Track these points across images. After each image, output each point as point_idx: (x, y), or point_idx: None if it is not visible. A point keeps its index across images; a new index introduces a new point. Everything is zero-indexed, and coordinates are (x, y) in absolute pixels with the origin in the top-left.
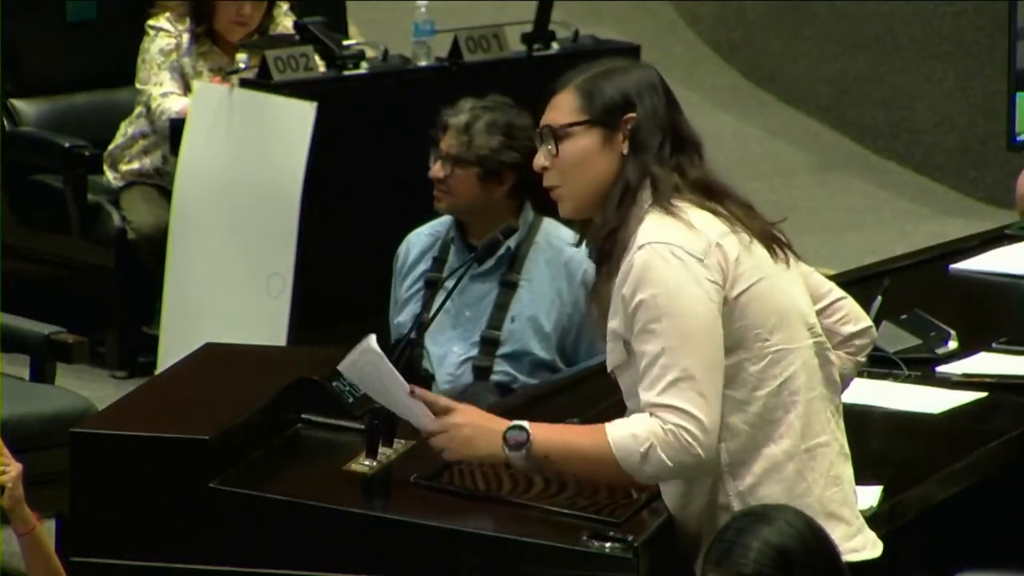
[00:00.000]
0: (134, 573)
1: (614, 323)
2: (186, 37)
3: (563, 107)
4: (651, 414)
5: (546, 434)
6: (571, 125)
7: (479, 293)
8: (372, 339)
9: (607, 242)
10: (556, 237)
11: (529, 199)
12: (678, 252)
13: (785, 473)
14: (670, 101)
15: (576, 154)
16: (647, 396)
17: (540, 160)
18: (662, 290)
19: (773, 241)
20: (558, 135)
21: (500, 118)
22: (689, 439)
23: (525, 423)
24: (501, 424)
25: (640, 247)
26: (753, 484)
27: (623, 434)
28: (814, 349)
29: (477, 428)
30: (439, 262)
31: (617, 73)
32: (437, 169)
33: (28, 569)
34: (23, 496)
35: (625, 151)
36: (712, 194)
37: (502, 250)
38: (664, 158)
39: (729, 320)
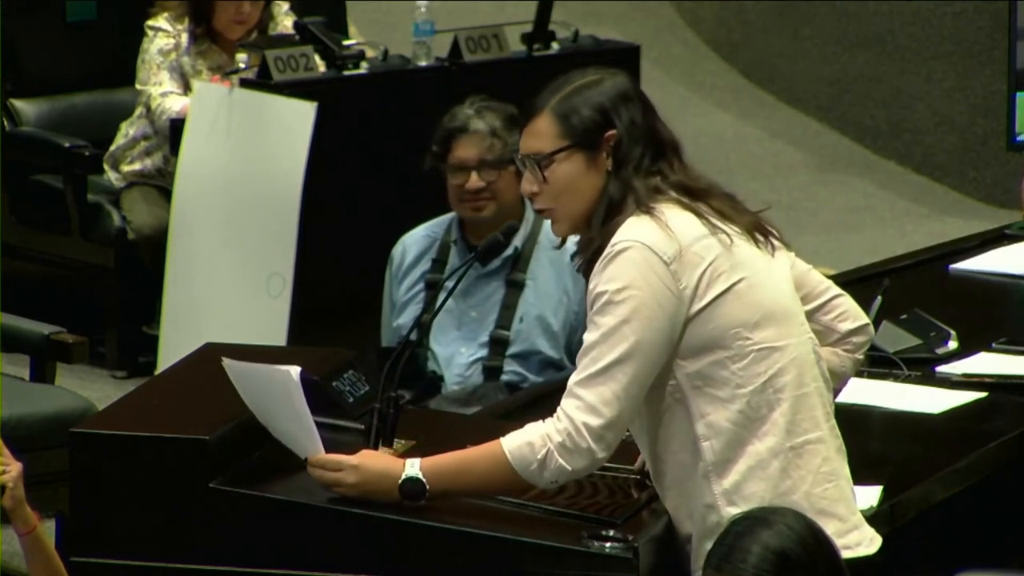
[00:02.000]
0: (134, 573)
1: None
2: (185, 36)
3: (542, 134)
4: (559, 408)
5: (440, 471)
6: (554, 153)
7: (484, 293)
8: (296, 371)
9: (594, 258)
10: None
11: None
12: (645, 253)
13: (769, 471)
14: (645, 107)
15: (563, 179)
16: (570, 380)
17: (528, 187)
18: (617, 286)
19: (758, 231)
20: (542, 164)
21: (506, 113)
22: (585, 433)
23: (417, 469)
24: (392, 478)
25: (613, 245)
26: (738, 482)
27: (518, 444)
28: (808, 346)
29: (366, 489)
30: (439, 263)
31: (589, 88)
32: (476, 180)
33: (29, 569)
34: (24, 496)
35: (609, 167)
36: (694, 194)
37: (510, 250)
38: (645, 168)
39: (705, 321)
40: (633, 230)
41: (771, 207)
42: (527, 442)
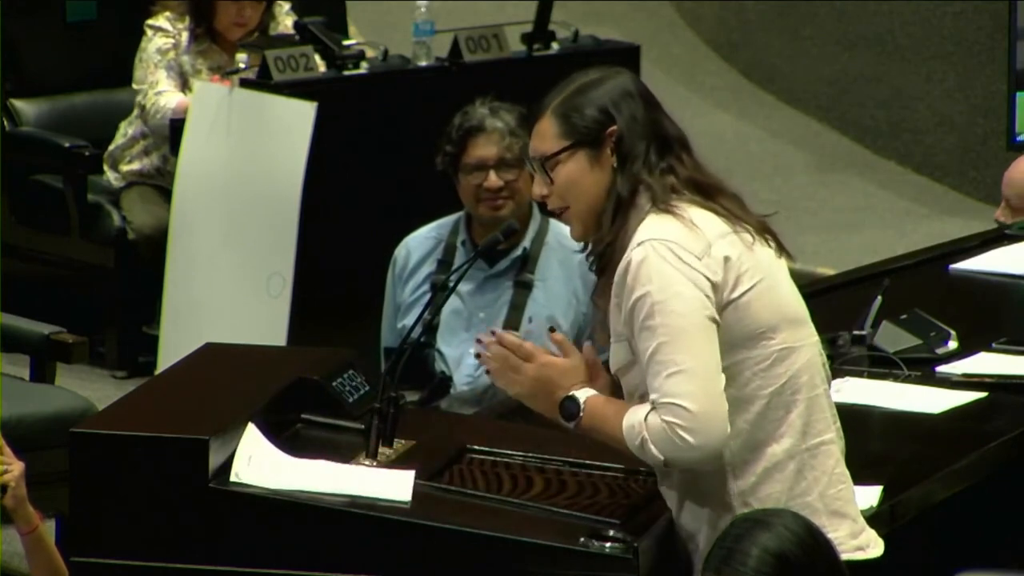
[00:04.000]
0: (134, 573)
1: (616, 323)
2: (185, 36)
3: (545, 135)
4: (654, 415)
5: (595, 412)
6: (557, 153)
7: (493, 295)
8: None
9: (605, 254)
10: (565, 237)
11: None
12: (675, 248)
13: (786, 472)
14: (649, 103)
15: (569, 179)
16: (651, 393)
17: (538, 189)
18: (656, 287)
19: (768, 233)
20: (547, 165)
21: (519, 112)
22: (681, 432)
23: (583, 396)
24: (563, 390)
25: (638, 244)
26: (754, 483)
27: (629, 423)
28: (816, 348)
29: (539, 390)
30: (445, 264)
31: (591, 88)
32: (495, 179)
33: (31, 568)
34: (26, 495)
35: (614, 164)
36: (706, 191)
37: (519, 251)
38: (653, 163)
39: (732, 320)
40: (656, 228)
41: (777, 212)
42: (631, 424)
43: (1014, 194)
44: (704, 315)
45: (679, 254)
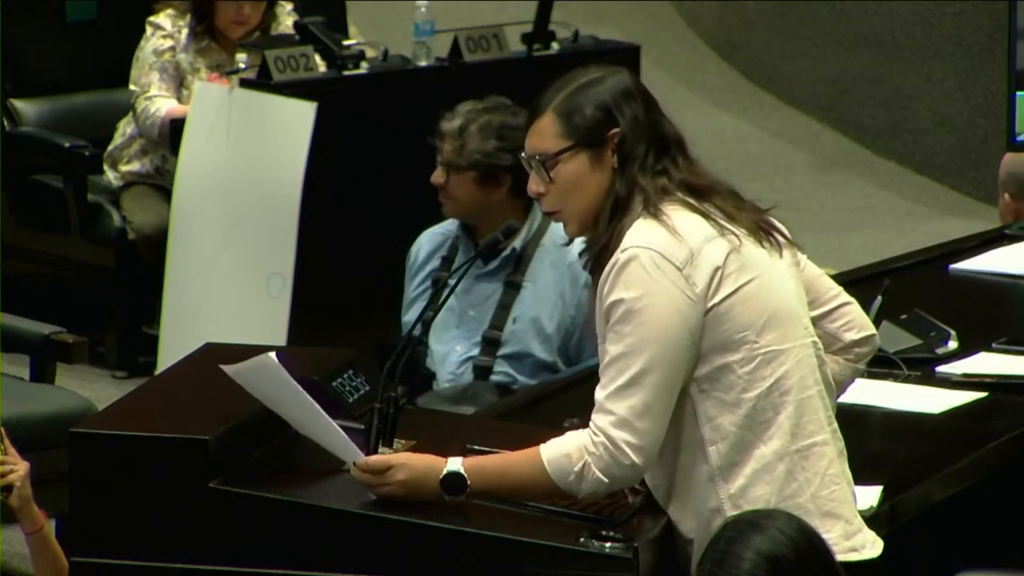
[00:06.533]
0: (134, 573)
1: (599, 324)
2: (184, 34)
3: (546, 134)
4: (590, 423)
5: (482, 473)
6: (559, 153)
7: (484, 293)
8: (271, 356)
9: (601, 255)
10: (562, 239)
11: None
12: (657, 259)
13: (775, 474)
14: (648, 103)
15: (569, 178)
16: (598, 394)
17: (535, 187)
18: (633, 295)
19: (763, 231)
20: (547, 165)
21: (494, 120)
22: (624, 448)
23: (459, 465)
24: (436, 473)
25: (623, 250)
26: (744, 486)
27: (556, 455)
28: (811, 348)
29: (412, 485)
30: (447, 261)
31: (592, 86)
32: (437, 175)
33: (35, 568)
34: (31, 495)
35: (615, 165)
36: (699, 192)
37: (508, 251)
38: (650, 165)
39: (715, 324)
40: (642, 235)
41: (776, 206)
42: (565, 453)
43: (1010, 177)
44: (674, 332)
45: (660, 264)
